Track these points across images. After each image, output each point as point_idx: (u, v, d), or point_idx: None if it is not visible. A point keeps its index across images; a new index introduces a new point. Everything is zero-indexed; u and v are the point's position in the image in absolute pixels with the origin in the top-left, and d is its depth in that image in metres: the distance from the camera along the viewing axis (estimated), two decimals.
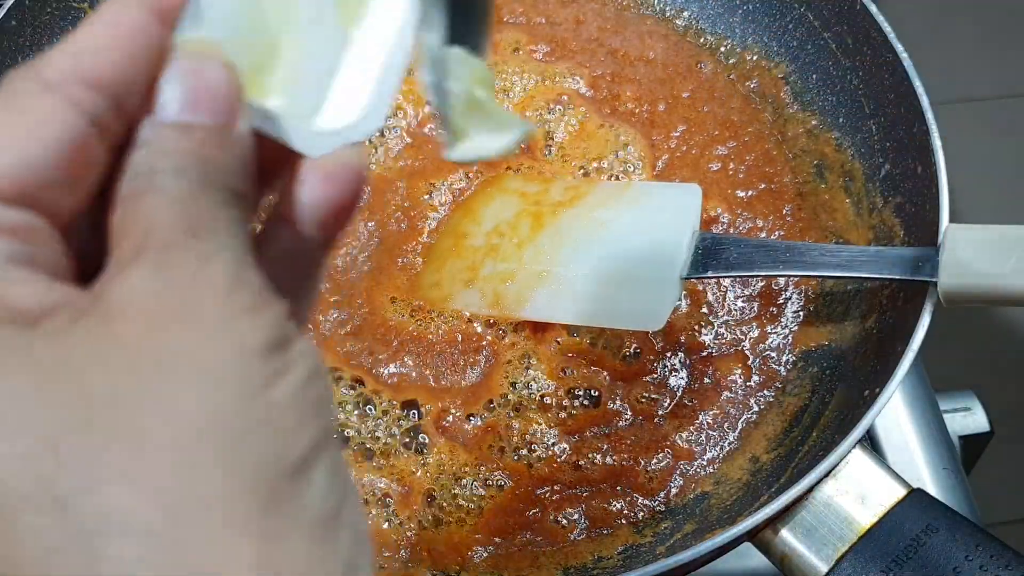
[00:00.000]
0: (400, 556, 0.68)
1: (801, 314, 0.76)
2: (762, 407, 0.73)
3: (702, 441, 0.72)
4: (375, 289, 0.76)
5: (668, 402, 0.73)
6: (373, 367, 0.73)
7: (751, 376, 0.74)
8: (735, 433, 0.72)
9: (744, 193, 0.81)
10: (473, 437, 0.71)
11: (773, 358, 0.75)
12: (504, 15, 0.89)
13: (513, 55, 0.86)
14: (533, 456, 0.71)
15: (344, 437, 0.70)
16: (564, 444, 0.71)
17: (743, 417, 0.73)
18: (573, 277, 0.72)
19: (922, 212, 0.70)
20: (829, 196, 0.80)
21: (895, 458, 0.80)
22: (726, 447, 0.72)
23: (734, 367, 0.74)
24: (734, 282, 0.77)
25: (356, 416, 0.71)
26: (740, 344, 0.75)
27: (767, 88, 0.85)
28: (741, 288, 0.77)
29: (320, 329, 0.75)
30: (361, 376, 0.73)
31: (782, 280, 0.77)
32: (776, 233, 0.79)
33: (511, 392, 0.72)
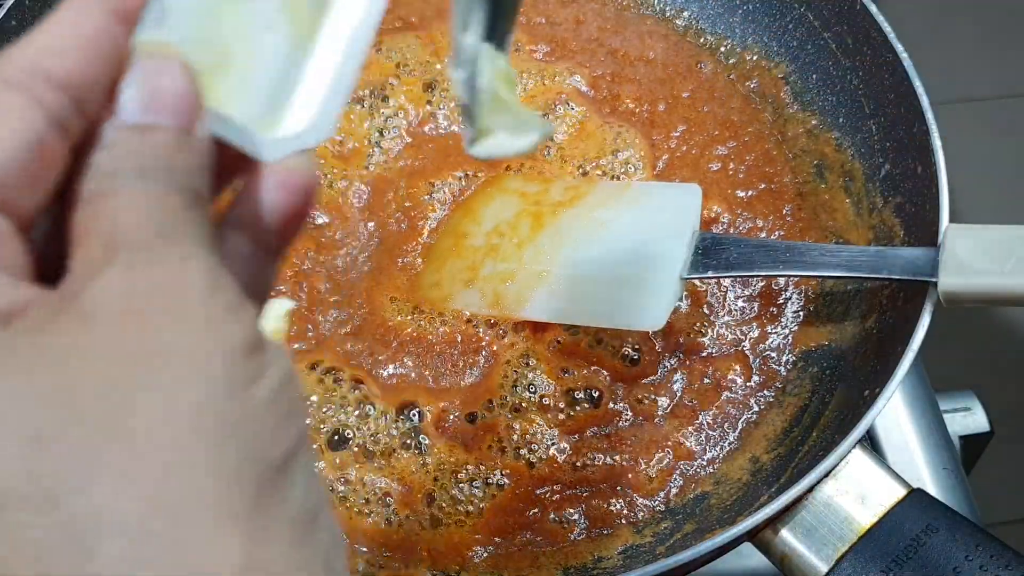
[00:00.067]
0: (400, 556, 0.68)
1: (801, 314, 0.76)
2: (762, 407, 0.73)
3: (702, 441, 0.72)
4: (375, 289, 0.76)
5: (668, 402, 0.73)
6: (373, 367, 0.73)
7: (751, 376, 0.74)
8: (735, 433, 0.72)
9: (744, 193, 0.81)
10: (473, 437, 0.71)
11: (773, 358, 0.75)
12: None
13: (513, 55, 0.86)
14: (533, 456, 0.71)
15: (344, 437, 0.70)
16: (564, 444, 0.71)
17: (743, 417, 0.73)
18: (573, 277, 0.72)
19: (922, 212, 0.70)
20: (829, 196, 0.80)
21: (895, 458, 0.80)
22: (726, 447, 0.72)
23: (734, 367, 0.74)
24: (734, 282, 0.77)
25: (356, 416, 0.71)
26: (740, 344, 0.75)
27: (767, 88, 0.85)
28: (741, 288, 0.77)
29: (320, 329, 0.75)
30: (361, 376, 0.73)
31: (782, 280, 0.77)
32: (776, 233, 0.79)
33: (511, 392, 0.72)
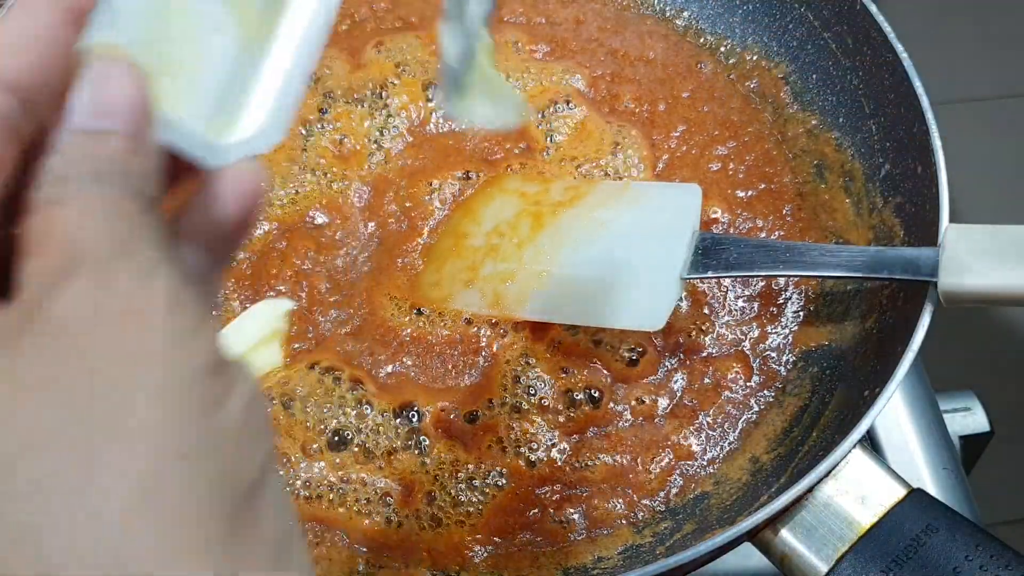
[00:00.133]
0: (400, 556, 0.68)
1: (801, 314, 0.76)
2: (762, 407, 0.73)
3: (702, 441, 0.72)
4: (375, 289, 0.76)
5: (668, 402, 0.73)
6: (373, 367, 0.73)
7: (751, 376, 0.74)
8: (735, 433, 0.72)
9: (744, 193, 0.81)
10: (473, 437, 0.71)
11: (773, 358, 0.75)
12: (504, 15, 0.89)
13: (513, 55, 0.86)
14: (533, 456, 0.71)
15: (344, 437, 0.70)
16: (564, 444, 0.71)
17: (743, 417, 0.73)
18: (573, 277, 0.72)
19: (922, 212, 0.70)
20: (829, 196, 0.80)
21: (895, 458, 0.80)
22: (726, 447, 0.72)
23: (734, 367, 0.74)
24: (734, 282, 0.77)
25: (356, 416, 0.71)
26: (740, 344, 0.75)
27: (767, 88, 0.85)
28: (741, 288, 0.77)
29: (320, 329, 0.75)
30: (361, 377, 0.72)
31: (782, 280, 0.77)
32: (776, 233, 0.79)
33: (511, 392, 0.72)
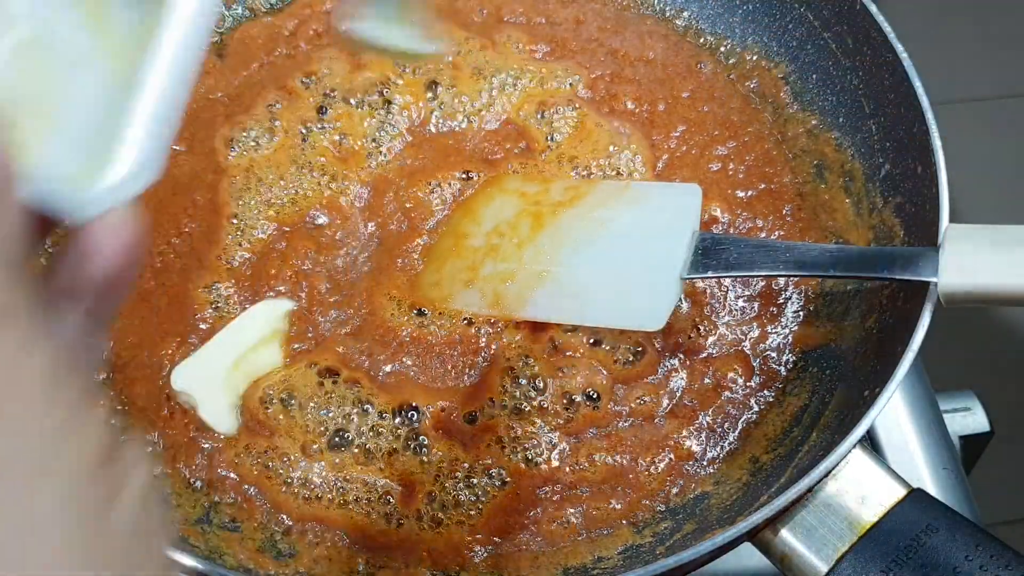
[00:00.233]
0: (400, 556, 0.68)
1: (801, 314, 0.76)
2: (762, 407, 0.73)
3: (702, 441, 0.72)
4: (375, 289, 0.76)
5: (668, 402, 0.73)
6: (372, 368, 0.73)
7: (751, 376, 0.74)
8: (735, 433, 0.72)
9: (744, 193, 0.81)
10: (473, 437, 0.71)
11: (773, 358, 0.75)
12: (504, 15, 0.89)
13: (513, 55, 0.86)
14: (533, 456, 0.71)
15: (344, 438, 0.70)
16: (564, 444, 0.71)
17: (743, 417, 0.73)
18: (573, 277, 0.72)
19: (922, 212, 0.70)
20: (829, 196, 0.80)
21: (895, 458, 0.80)
22: (726, 447, 0.72)
23: (734, 367, 0.74)
24: (734, 282, 0.77)
25: (356, 417, 0.71)
26: (740, 344, 0.75)
27: (767, 88, 0.85)
28: (741, 288, 0.77)
29: (320, 329, 0.75)
30: (360, 377, 0.72)
31: (782, 280, 0.77)
32: (776, 233, 0.79)
33: (510, 392, 0.72)
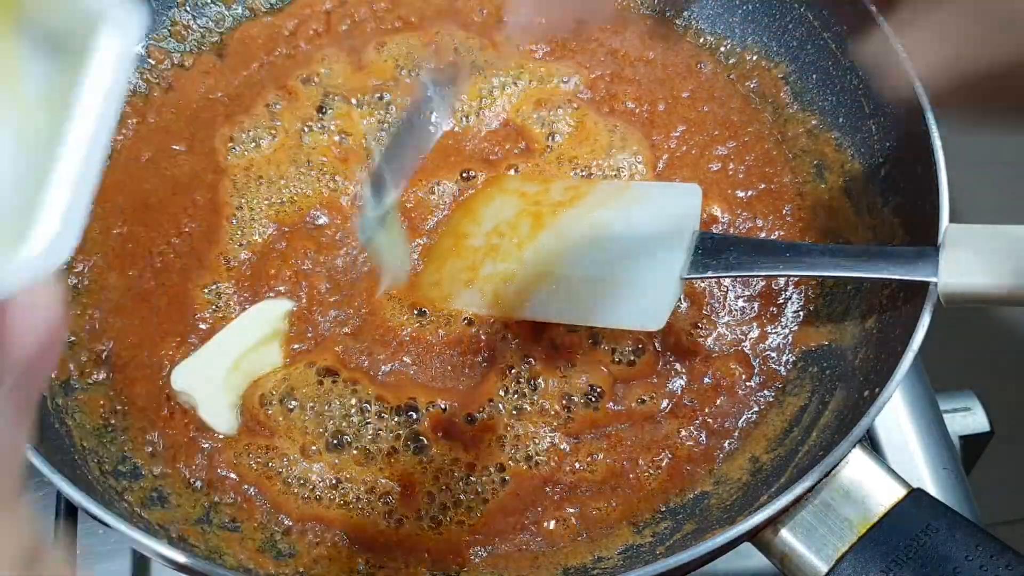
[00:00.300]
0: (400, 556, 0.68)
1: (801, 314, 0.76)
2: (762, 407, 0.73)
3: (702, 441, 0.72)
4: (375, 289, 0.76)
5: (668, 402, 0.73)
6: (372, 368, 0.73)
7: (751, 376, 0.74)
8: (735, 433, 0.72)
9: (744, 193, 0.81)
10: (472, 437, 0.71)
11: (773, 358, 0.75)
12: (504, 15, 0.89)
13: (513, 55, 0.86)
14: (533, 456, 0.71)
15: (344, 438, 0.70)
16: (564, 445, 0.71)
17: (743, 417, 0.73)
18: (573, 277, 0.72)
19: (922, 212, 0.70)
20: (829, 196, 0.80)
21: (895, 458, 0.80)
22: (726, 447, 0.72)
23: (734, 367, 0.74)
24: (734, 282, 0.77)
25: (356, 417, 0.71)
26: (740, 344, 0.75)
27: (767, 88, 0.85)
28: (741, 288, 0.77)
29: (320, 329, 0.75)
30: (360, 377, 0.72)
31: (782, 280, 0.77)
32: (776, 233, 0.79)
33: (510, 393, 0.72)
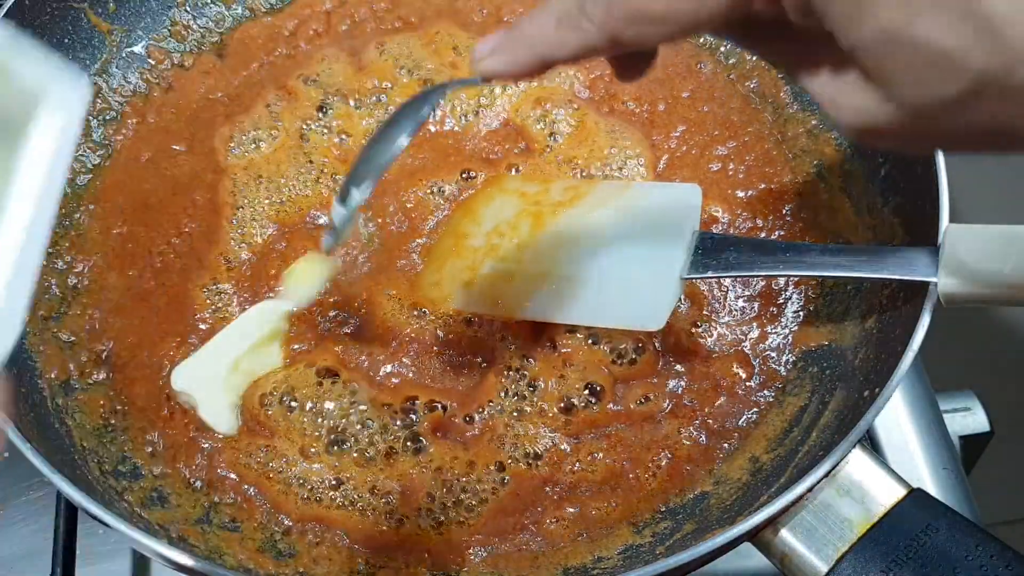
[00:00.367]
0: (400, 556, 0.68)
1: (801, 314, 0.76)
2: (762, 407, 0.73)
3: (702, 441, 0.72)
4: (375, 289, 0.76)
5: (668, 402, 0.73)
6: (372, 368, 0.73)
7: (751, 376, 0.74)
8: (735, 433, 0.72)
9: (744, 193, 0.81)
10: (472, 438, 0.71)
11: (773, 358, 0.75)
12: (504, 15, 0.89)
13: None
14: (533, 456, 0.71)
15: (343, 438, 0.70)
16: (564, 445, 0.71)
17: (743, 417, 0.73)
18: (573, 277, 0.72)
19: (922, 212, 0.70)
20: (829, 196, 0.80)
21: (895, 458, 0.80)
22: (726, 447, 0.72)
23: (734, 367, 0.74)
24: (734, 282, 0.77)
25: (355, 417, 0.71)
26: (740, 344, 0.75)
27: (767, 88, 0.85)
28: (741, 288, 0.77)
29: (319, 329, 0.75)
30: (360, 377, 0.72)
31: (782, 280, 0.77)
32: (776, 233, 0.79)
33: (510, 393, 0.72)
